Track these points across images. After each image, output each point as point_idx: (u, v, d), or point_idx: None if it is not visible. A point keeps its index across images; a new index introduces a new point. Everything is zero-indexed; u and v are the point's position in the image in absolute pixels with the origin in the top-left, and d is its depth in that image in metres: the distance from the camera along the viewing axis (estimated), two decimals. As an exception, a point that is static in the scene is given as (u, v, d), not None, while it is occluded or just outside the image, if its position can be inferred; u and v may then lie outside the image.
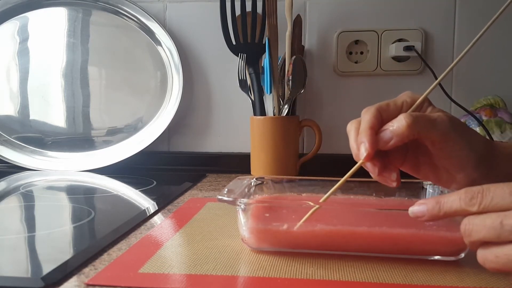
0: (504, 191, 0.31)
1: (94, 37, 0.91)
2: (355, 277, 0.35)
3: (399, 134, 0.39)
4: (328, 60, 0.88)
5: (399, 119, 0.39)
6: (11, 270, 0.37)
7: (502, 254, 0.30)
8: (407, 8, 0.86)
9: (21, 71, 0.91)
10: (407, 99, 0.43)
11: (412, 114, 0.39)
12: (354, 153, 0.41)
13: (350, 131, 0.42)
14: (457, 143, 0.40)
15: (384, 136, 0.40)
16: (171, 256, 0.40)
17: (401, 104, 0.42)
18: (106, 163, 0.87)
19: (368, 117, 0.40)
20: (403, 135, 0.39)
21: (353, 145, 0.41)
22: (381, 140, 0.40)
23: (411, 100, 0.43)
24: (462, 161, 0.41)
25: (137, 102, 0.91)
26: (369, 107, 0.42)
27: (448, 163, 0.42)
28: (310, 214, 0.39)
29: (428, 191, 0.48)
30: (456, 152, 0.41)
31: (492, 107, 0.79)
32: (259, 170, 0.79)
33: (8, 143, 0.90)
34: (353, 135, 0.42)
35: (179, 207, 0.58)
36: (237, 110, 0.91)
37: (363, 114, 0.41)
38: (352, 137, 0.42)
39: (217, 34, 0.83)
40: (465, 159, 0.41)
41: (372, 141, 0.39)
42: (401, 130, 0.39)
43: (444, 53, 0.86)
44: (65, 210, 0.58)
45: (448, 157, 0.41)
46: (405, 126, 0.39)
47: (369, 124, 0.40)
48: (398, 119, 0.39)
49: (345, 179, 0.42)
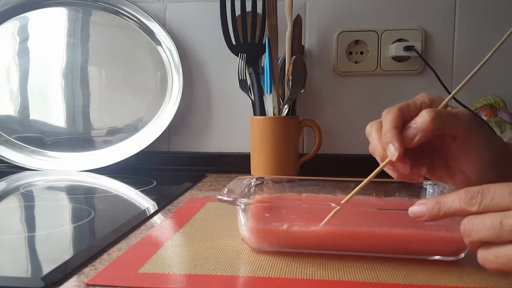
0: (504, 191, 0.31)
1: (94, 37, 0.91)
2: (355, 277, 0.35)
3: (423, 129, 0.39)
4: (328, 60, 0.88)
5: (422, 114, 0.39)
6: (11, 270, 0.37)
7: (502, 254, 0.30)
8: (407, 8, 0.86)
9: (21, 71, 0.91)
10: (425, 100, 0.43)
11: (435, 109, 0.40)
12: (379, 153, 0.41)
13: (371, 132, 0.42)
14: (478, 139, 0.41)
15: (408, 134, 0.40)
16: (171, 256, 0.40)
17: (420, 104, 0.42)
18: (106, 163, 0.87)
19: (391, 117, 0.40)
20: (427, 129, 0.39)
21: (377, 146, 0.41)
22: (406, 138, 0.40)
23: (429, 101, 0.43)
24: (479, 160, 0.41)
25: (137, 102, 0.91)
26: (390, 108, 0.42)
27: (465, 161, 0.42)
28: (332, 214, 0.39)
29: (428, 191, 0.48)
30: (475, 149, 0.41)
31: (492, 107, 0.79)
32: (259, 170, 0.79)
33: (8, 143, 0.90)
34: (375, 136, 0.42)
35: (179, 207, 0.58)
36: (237, 110, 0.91)
37: (385, 114, 0.41)
38: (375, 138, 0.42)
39: (217, 34, 0.83)
40: (483, 157, 0.41)
41: (400, 140, 0.39)
42: (425, 125, 0.39)
43: (444, 53, 0.86)
44: (65, 210, 0.58)
45: (466, 154, 0.41)
46: (428, 121, 0.39)
47: (393, 124, 0.40)
48: (421, 115, 0.40)
49: (369, 179, 0.41)
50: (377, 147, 0.41)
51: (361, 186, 0.41)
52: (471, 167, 0.42)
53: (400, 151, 0.39)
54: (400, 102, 0.92)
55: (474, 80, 0.85)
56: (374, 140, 0.42)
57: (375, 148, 0.42)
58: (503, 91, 0.81)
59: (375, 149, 0.42)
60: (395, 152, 0.39)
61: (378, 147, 0.41)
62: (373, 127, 0.42)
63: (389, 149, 0.39)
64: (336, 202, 0.49)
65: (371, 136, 0.42)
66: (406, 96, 0.85)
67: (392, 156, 0.39)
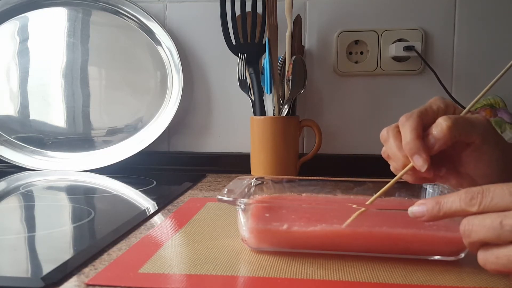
0: (503, 191, 0.31)
1: (94, 37, 0.91)
2: (355, 277, 0.35)
3: (441, 138, 0.39)
4: (328, 60, 0.88)
5: (439, 123, 0.40)
6: (11, 270, 0.37)
7: (503, 255, 0.30)
8: (407, 8, 0.86)
9: (21, 71, 0.91)
10: (441, 105, 0.43)
11: (451, 117, 0.40)
12: (400, 161, 0.41)
13: (388, 139, 0.42)
14: (492, 146, 0.41)
15: (428, 143, 0.40)
16: (171, 256, 0.40)
17: (436, 109, 0.43)
18: (106, 163, 0.87)
19: (413, 125, 0.40)
20: (445, 138, 0.39)
21: (397, 154, 0.41)
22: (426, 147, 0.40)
23: (445, 106, 0.43)
24: (490, 166, 0.42)
25: (137, 102, 0.91)
26: (409, 114, 0.41)
27: (475, 167, 0.42)
28: (356, 216, 0.39)
29: (428, 191, 0.48)
30: (487, 156, 0.41)
31: (492, 107, 0.79)
32: (259, 170, 0.79)
33: (8, 143, 0.90)
34: (394, 143, 0.42)
35: (179, 207, 0.58)
36: (237, 110, 0.91)
37: (404, 121, 0.41)
38: (395, 146, 0.42)
39: (217, 34, 0.83)
40: (493, 164, 0.41)
41: (427, 150, 0.40)
42: (443, 134, 0.39)
43: (444, 53, 0.86)
44: (65, 210, 0.58)
45: (477, 160, 0.41)
46: (445, 130, 0.39)
47: (416, 133, 0.40)
48: (437, 123, 0.40)
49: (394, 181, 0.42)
50: (397, 155, 0.42)
51: (386, 188, 0.41)
52: (481, 173, 0.42)
53: (428, 162, 0.39)
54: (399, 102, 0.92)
55: (474, 80, 0.86)
56: (393, 148, 0.42)
57: (395, 156, 0.42)
58: (503, 91, 0.81)
59: (395, 157, 0.42)
60: (424, 164, 0.39)
61: (398, 155, 0.41)
62: (390, 134, 0.42)
63: (416, 160, 0.40)
64: (336, 202, 0.49)
65: (389, 143, 0.42)
66: (406, 96, 0.86)
67: (422, 167, 0.40)
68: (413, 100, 0.85)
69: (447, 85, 0.83)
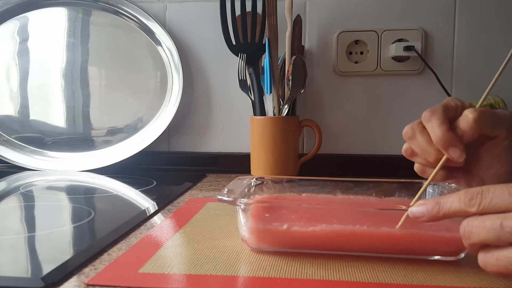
0: (503, 191, 0.31)
1: (94, 37, 0.91)
2: (355, 277, 0.35)
3: (468, 130, 0.39)
4: (328, 60, 0.88)
5: (465, 115, 0.40)
6: (11, 270, 0.37)
7: (503, 257, 0.30)
8: (407, 8, 0.86)
9: (21, 71, 0.91)
10: (458, 102, 0.42)
11: (477, 109, 0.40)
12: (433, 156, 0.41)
13: (416, 135, 0.42)
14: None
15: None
16: (171, 256, 0.40)
17: (455, 106, 0.42)
18: (106, 163, 0.87)
19: (442, 119, 0.40)
20: (472, 130, 0.39)
21: (428, 149, 0.41)
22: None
23: (461, 103, 0.42)
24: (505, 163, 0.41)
25: (137, 102, 0.91)
26: (434, 109, 0.41)
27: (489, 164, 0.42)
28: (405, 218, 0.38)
29: (428, 191, 0.48)
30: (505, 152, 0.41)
31: (492, 107, 0.79)
32: (259, 170, 0.79)
33: (8, 143, 0.90)
34: (423, 138, 0.41)
35: (179, 207, 0.58)
36: (237, 110, 0.91)
37: (430, 116, 0.41)
38: (424, 140, 0.41)
39: (217, 34, 0.83)
40: (509, 161, 0.41)
41: (461, 141, 0.39)
42: (469, 126, 0.39)
43: (444, 53, 0.86)
44: (65, 210, 0.58)
45: (495, 156, 0.41)
46: (471, 122, 0.39)
47: (446, 126, 0.40)
48: (464, 116, 0.40)
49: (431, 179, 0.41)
50: (428, 150, 0.41)
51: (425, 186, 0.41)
52: (493, 172, 0.42)
53: (464, 152, 0.39)
54: (399, 102, 0.92)
55: (474, 80, 0.86)
56: (422, 143, 0.41)
57: (425, 151, 0.41)
58: (503, 91, 0.81)
59: (425, 152, 0.41)
60: (462, 154, 0.39)
61: (429, 150, 0.41)
62: (416, 130, 0.42)
63: (453, 152, 0.39)
64: (336, 202, 0.49)
65: (417, 139, 0.42)
66: (406, 96, 0.86)
67: (460, 158, 0.39)
68: (413, 100, 0.85)
69: (447, 85, 0.83)
